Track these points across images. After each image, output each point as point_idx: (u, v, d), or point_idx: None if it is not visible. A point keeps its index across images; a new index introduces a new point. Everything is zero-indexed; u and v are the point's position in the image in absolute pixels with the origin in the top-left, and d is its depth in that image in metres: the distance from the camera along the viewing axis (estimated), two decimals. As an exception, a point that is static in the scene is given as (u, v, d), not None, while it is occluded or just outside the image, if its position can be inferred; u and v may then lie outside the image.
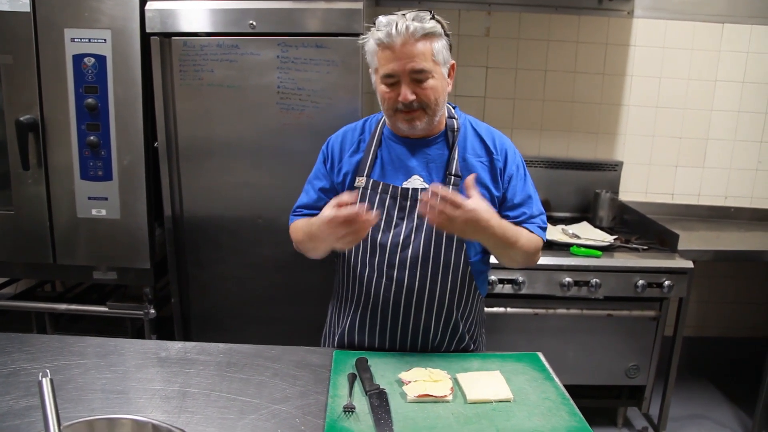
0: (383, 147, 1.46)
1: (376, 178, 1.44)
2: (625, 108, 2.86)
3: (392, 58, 1.31)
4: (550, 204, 2.88)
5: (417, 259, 1.40)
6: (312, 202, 1.52)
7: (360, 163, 1.46)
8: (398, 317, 1.44)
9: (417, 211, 1.38)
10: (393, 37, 1.29)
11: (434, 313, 1.44)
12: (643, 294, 2.25)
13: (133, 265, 2.19)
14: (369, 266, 1.44)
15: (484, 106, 2.82)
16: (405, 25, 1.28)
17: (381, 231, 1.41)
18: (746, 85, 2.84)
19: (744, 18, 2.76)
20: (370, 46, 1.35)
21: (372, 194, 1.42)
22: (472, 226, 1.24)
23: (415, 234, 1.40)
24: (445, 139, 1.44)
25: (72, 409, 1.14)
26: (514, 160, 1.45)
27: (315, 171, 1.55)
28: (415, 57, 1.30)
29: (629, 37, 2.78)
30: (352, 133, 1.51)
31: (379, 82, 1.37)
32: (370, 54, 1.36)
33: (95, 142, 2.06)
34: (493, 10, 2.73)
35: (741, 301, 3.09)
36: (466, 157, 1.43)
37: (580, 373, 2.38)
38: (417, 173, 1.42)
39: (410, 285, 1.42)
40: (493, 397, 1.22)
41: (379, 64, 1.34)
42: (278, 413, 1.17)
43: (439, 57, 1.33)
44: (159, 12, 1.99)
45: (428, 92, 1.33)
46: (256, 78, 2.04)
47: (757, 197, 2.96)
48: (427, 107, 1.35)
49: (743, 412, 2.79)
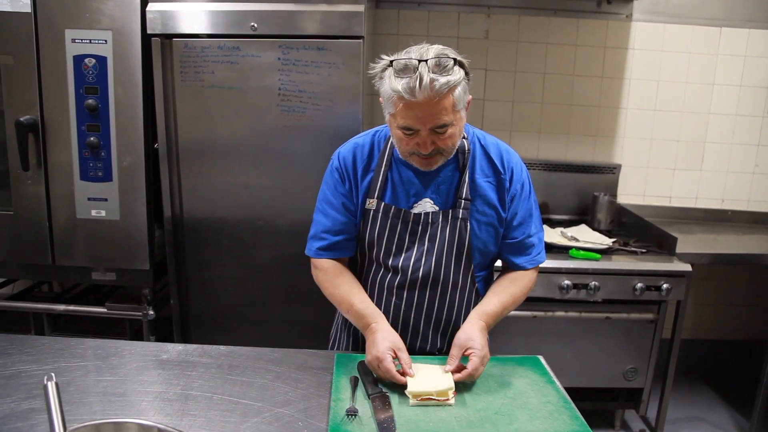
0: (393, 169, 1.41)
1: (387, 200, 1.41)
2: (624, 111, 2.87)
3: (413, 115, 1.23)
4: (548, 207, 2.89)
5: (427, 280, 1.42)
6: (339, 226, 1.44)
7: (371, 184, 1.42)
8: (407, 333, 1.46)
9: (427, 236, 1.40)
10: (416, 93, 1.20)
11: (441, 328, 1.48)
12: (642, 297, 2.26)
13: (133, 266, 2.18)
14: (379, 285, 1.45)
15: (483, 109, 2.83)
16: (429, 80, 1.18)
17: (392, 255, 1.42)
18: (743, 89, 2.85)
19: (741, 22, 2.78)
20: (387, 91, 1.25)
21: (383, 218, 1.41)
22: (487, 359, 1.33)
23: (425, 257, 1.41)
24: (455, 161, 1.40)
25: (74, 412, 1.14)
26: (519, 179, 1.43)
27: (330, 190, 1.45)
28: (439, 114, 1.23)
29: (627, 41, 2.79)
30: (361, 150, 1.44)
31: (395, 126, 1.30)
32: (386, 97, 1.27)
33: (95, 143, 2.05)
34: (492, 13, 2.74)
35: (738, 303, 3.11)
36: (476, 179, 1.41)
37: (578, 375, 2.39)
38: (427, 196, 1.40)
39: (419, 304, 1.44)
40: (432, 389, 1.22)
41: (397, 113, 1.26)
42: (281, 416, 1.17)
43: (460, 105, 1.26)
44: (160, 13, 1.98)
45: (447, 141, 1.29)
46: (257, 80, 2.04)
47: (754, 200, 2.97)
48: (444, 152, 1.31)
49: (740, 415, 2.80)
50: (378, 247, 1.42)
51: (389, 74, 1.24)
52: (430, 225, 1.40)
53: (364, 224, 1.43)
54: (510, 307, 1.45)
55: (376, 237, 1.41)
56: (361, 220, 1.43)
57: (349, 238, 1.45)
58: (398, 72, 1.22)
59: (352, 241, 1.46)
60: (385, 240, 1.41)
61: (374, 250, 1.43)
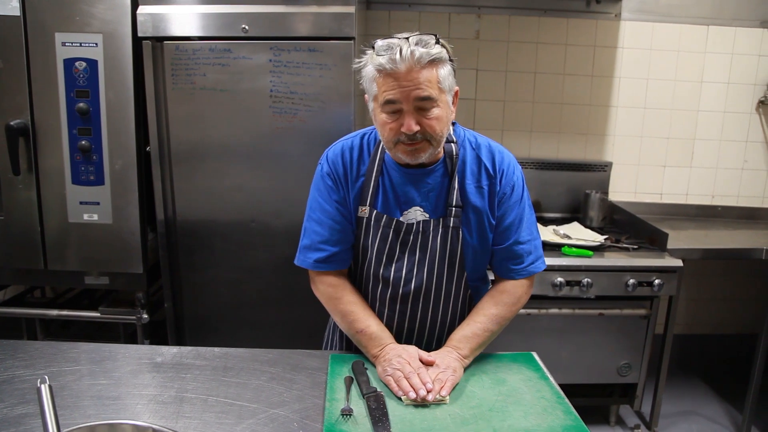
0: (384, 175, 1.37)
1: (379, 208, 1.38)
2: (614, 109, 2.89)
3: (395, 85, 1.21)
4: (541, 205, 2.90)
5: (420, 291, 1.41)
6: (336, 235, 1.40)
7: (362, 190, 1.38)
8: (400, 341, 1.45)
9: (418, 245, 1.38)
10: (397, 63, 1.19)
11: (435, 337, 1.48)
12: (634, 293, 2.28)
13: (126, 269, 2.18)
14: (371, 296, 1.45)
15: (474, 109, 2.84)
16: (410, 50, 1.18)
17: (383, 265, 1.40)
18: (731, 86, 2.88)
19: (728, 20, 2.81)
20: (369, 71, 1.25)
21: (375, 226, 1.38)
22: (460, 373, 1.31)
23: (417, 268, 1.39)
24: (444, 166, 1.36)
25: (68, 416, 1.13)
26: (509, 181, 1.37)
27: (324, 197, 1.40)
28: (421, 84, 1.20)
29: (617, 40, 2.81)
30: (350, 153, 1.40)
31: (380, 110, 1.26)
32: (368, 80, 1.26)
33: (87, 146, 2.04)
34: (482, 13, 2.75)
35: (730, 298, 3.14)
36: (466, 185, 1.36)
37: (572, 371, 2.41)
38: (418, 204, 1.37)
39: (413, 315, 1.43)
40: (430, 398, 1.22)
41: (380, 91, 1.24)
42: (276, 417, 1.17)
43: (444, 84, 1.24)
44: (151, 16, 1.98)
45: (433, 123, 1.24)
46: (249, 82, 2.04)
47: (744, 196, 3.00)
48: (431, 138, 1.26)
49: (733, 408, 2.83)
50: (369, 256, 1.40)
51: (371, 55, 1.24)
52: (421, 234, 1.37)
53: (357, 232, 1.41)
54: (499, 328, 1.40)
55: (369, 246, 1.39)
56: (355, 228, 1.41)
57: (348, 248, 1.42)
58: (380, 51, 1.22)
59: (350, 250, 1.43)
60: (376, 249, 1.39)
61: (365, 259, 1.41)
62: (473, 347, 1.36)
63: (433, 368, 1.28)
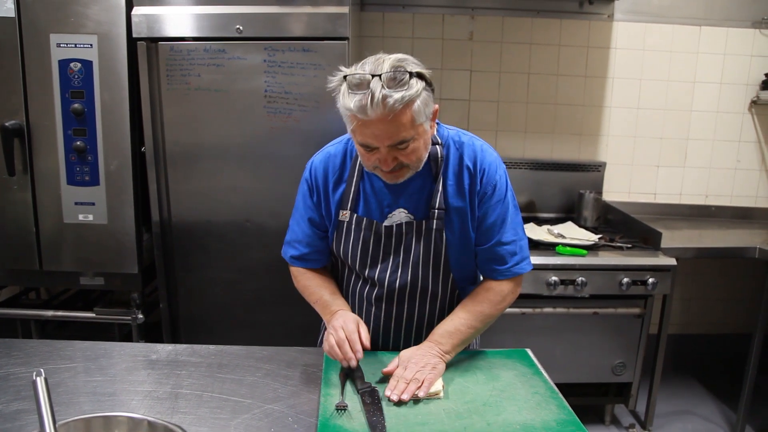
0: (365, 179, 1.37)
1: (360, 212, 1.38)
2: (607, 109, 2.91)
3: (369, 132, 1.17)
4: (535, 205, 2.91)
5: (405, 292, 1.41)
6: (306, 238, 1.45)
7: (343, 195, 1.39)
8: (389, 342, 1.47)
9: (402, 247, 1.38)
10: (368, 112, 1.13)
11: (423, 337, 1.44)
12: (628, 292, 2.29)
13: (121, 270, 2.18)
14: (359, 296, 1.46)
15: (468, 109, 2.85)
16: (381, 97, 1.11)
17: (368, 266, 1.41)
18: (724, 86, 2.91)
19: (720, 21, 2.83)
20: (341, 108, 1.19)
21: (356, 230, 1.38)
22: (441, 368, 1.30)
23: (401, 268, 1.39)
24: (428, 169, 1.34)
25: (63, 412, 1.14)
26: (491, 180, 1.33)
27: (302, 203, 1.44)
28: (394, 133, 1.16)
29: (610, 40, 2.83)
30: (333, 161, 1.40)
31: (355, 141, 1.24)
32: (342, 112, 1.21)
33: (82, 147, 2.05)
34: (476, 14, 2.77)
35: (723, 297, 3.15)
36: (448, 187, 1.34)
37: (567, 370, 2.41)
38: (401, 206, 1.36)
39: (399, 314, 1.44)
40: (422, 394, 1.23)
41: (354, 132, 1.21)
42: (271, 413, 1.17)
43: (420, 118, 1.18)
44: (145, 17, 1.99)
45: (411, 156, 1.22)
46: (243, 82, 2.05)
47: (737, 195, 3.02)
48: (410, 165, 1.25)
49: (727, 407, 2.84)
50: (353, 259, 1.41)
51: (344, 90, 1.17)
52: (403, 236, 1.36)
53: (338, 236, 1.41)
54: (475, 327, 1.36)
55: (350, 249, 1.40)
56: (335, 232, 1.41)
57: (317, 251, 1.46)
58: (351, 88, 1.15)
59: (320, 254, 1.47)
60: (359, 252, 1.40)
61: (349, 261, 1.42)
62: (455, 343, 1.34)
63: (411, 366, 1.27)
